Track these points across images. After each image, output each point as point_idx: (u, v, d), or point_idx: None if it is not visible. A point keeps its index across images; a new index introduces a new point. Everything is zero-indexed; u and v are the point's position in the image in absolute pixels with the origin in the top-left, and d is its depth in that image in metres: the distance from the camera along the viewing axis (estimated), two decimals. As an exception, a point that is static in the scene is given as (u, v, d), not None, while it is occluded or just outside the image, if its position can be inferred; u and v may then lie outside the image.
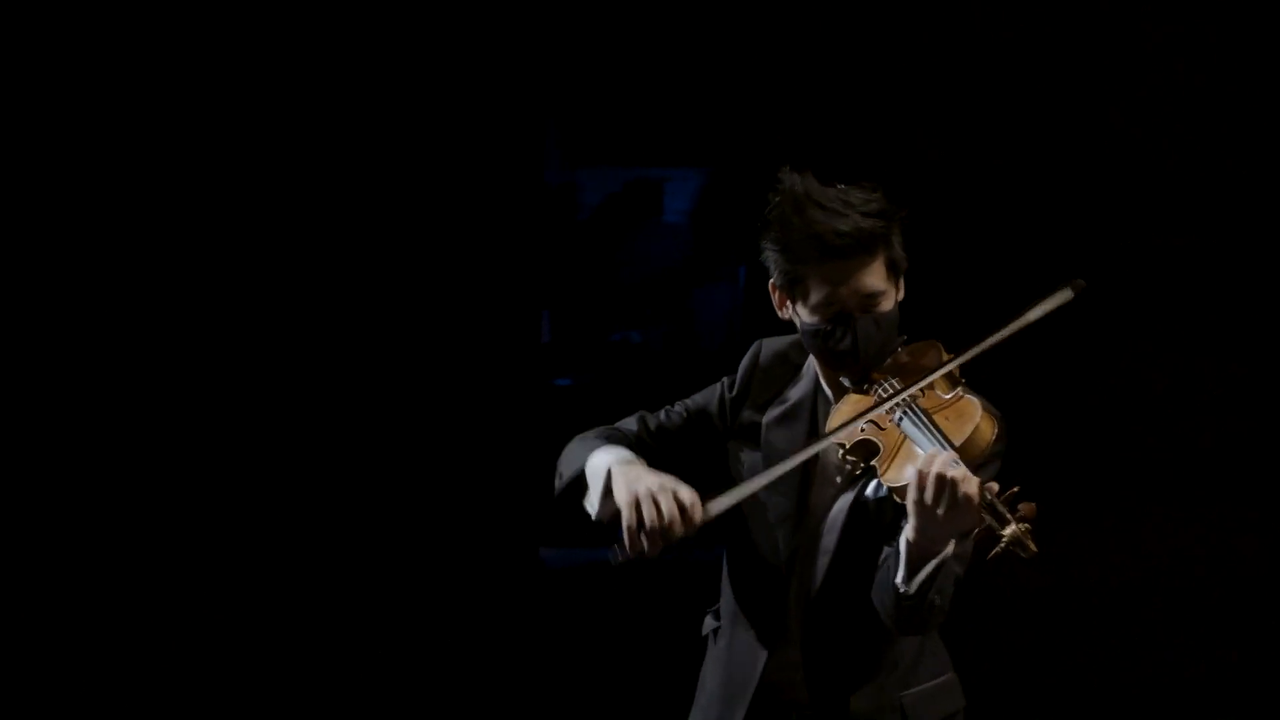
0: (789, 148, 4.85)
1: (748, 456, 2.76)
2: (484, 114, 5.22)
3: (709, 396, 2.91)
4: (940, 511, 2.47)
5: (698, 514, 2.56)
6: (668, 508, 2.56)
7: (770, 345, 2.91)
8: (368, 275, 5.13)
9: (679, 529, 2.55)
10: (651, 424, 2.88)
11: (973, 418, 2.60)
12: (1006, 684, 4.91)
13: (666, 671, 3.33)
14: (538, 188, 5.55)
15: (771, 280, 2.76)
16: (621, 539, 2.58)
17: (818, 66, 5.11)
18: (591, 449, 2.76)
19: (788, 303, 2.77)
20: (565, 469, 2.79)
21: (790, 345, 2.84)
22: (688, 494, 2.58)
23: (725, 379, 2.91)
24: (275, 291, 5.09)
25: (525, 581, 5.26)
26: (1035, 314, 2.65)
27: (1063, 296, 2.65)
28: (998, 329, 2.64)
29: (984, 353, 2.64)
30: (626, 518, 2.58)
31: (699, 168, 6.37)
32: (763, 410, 2.82)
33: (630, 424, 2.88)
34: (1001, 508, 2.45)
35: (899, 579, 2.55)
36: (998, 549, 2.44)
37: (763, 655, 2.74)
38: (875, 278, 2.67)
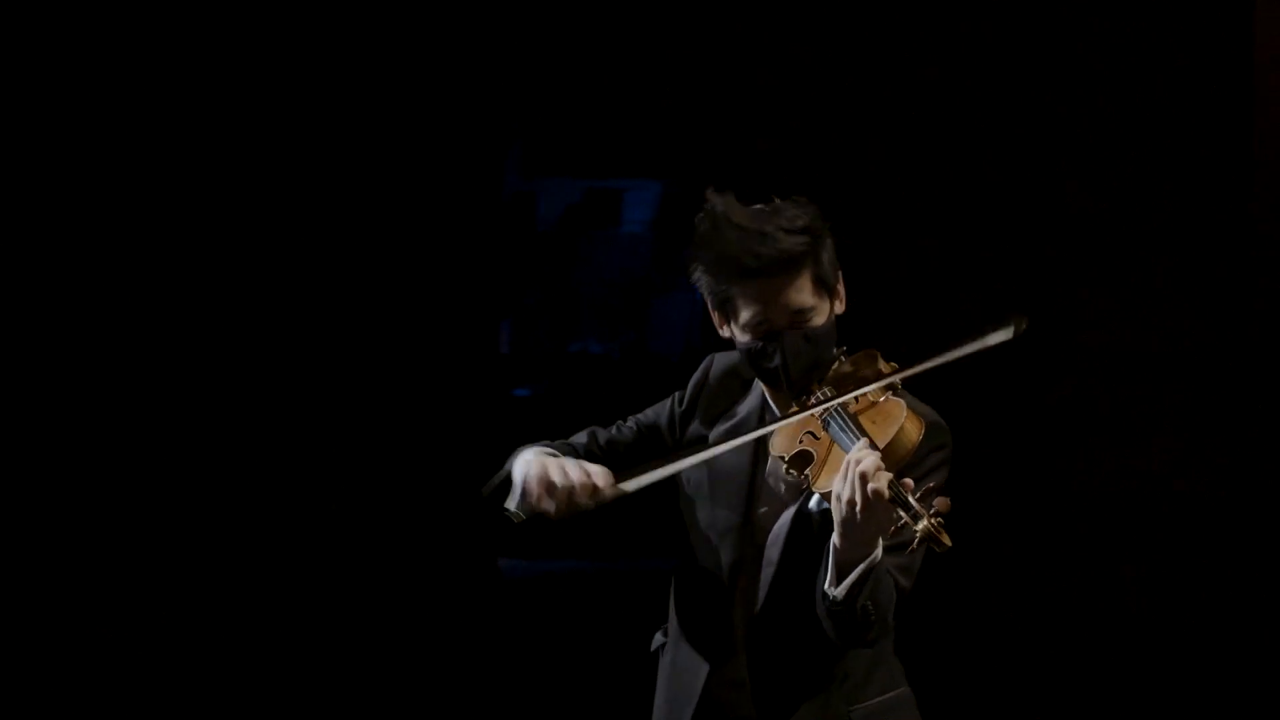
0: (746, 159, 4.88)
1: (693, 472, 2.73)
2: (444, 124, 5.22)
3: (659, 411, 2.88)
4: (856, 509, 2.46)
5: (605, 483, 2.55)
6: (575, 471, 2.56)
7: (721, 360, 2.89)
8: (325, 286, 5.11)
9: (581, 491, 2.55)
10: (601, 439, 2.84)
11: (897, 419, 2.59)
12: (963, 700, 4.94)
13: (625, 682, 3.33)
14: (496, 198, 5.56)
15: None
16: (526, 492, 2.58)
17: (774, 78, 5.13)
18: (523, 451, 2.74)
19: (724, 322, 2.75)
20: (500, 475, 2.76)
21: (741, 360, 2.80)
22: (600, 468, 2.58)
23: (676, 394, 2.88)
24: (231, 301, 5.08)
25: (483, 591, 5.27)
26: (970, 348, 2.64)
27: (1002, 335, 2.63)
28: (935, 353, 2.61)
29: (920, 373, 2.60)
30: (535, 474, 2.59)
31: (657, 179, 6.41)
32: (711, 425, 2.80)
33: (580, 438, 2.82)
34: (913, 502, 2.43)
35: (825, 583, 2.54)
36: (912, 545, 2.42)
37: (704, 669, 2.71)
38: (803, 294, 2.66)
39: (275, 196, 5.08)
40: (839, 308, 2.70)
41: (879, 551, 2.48)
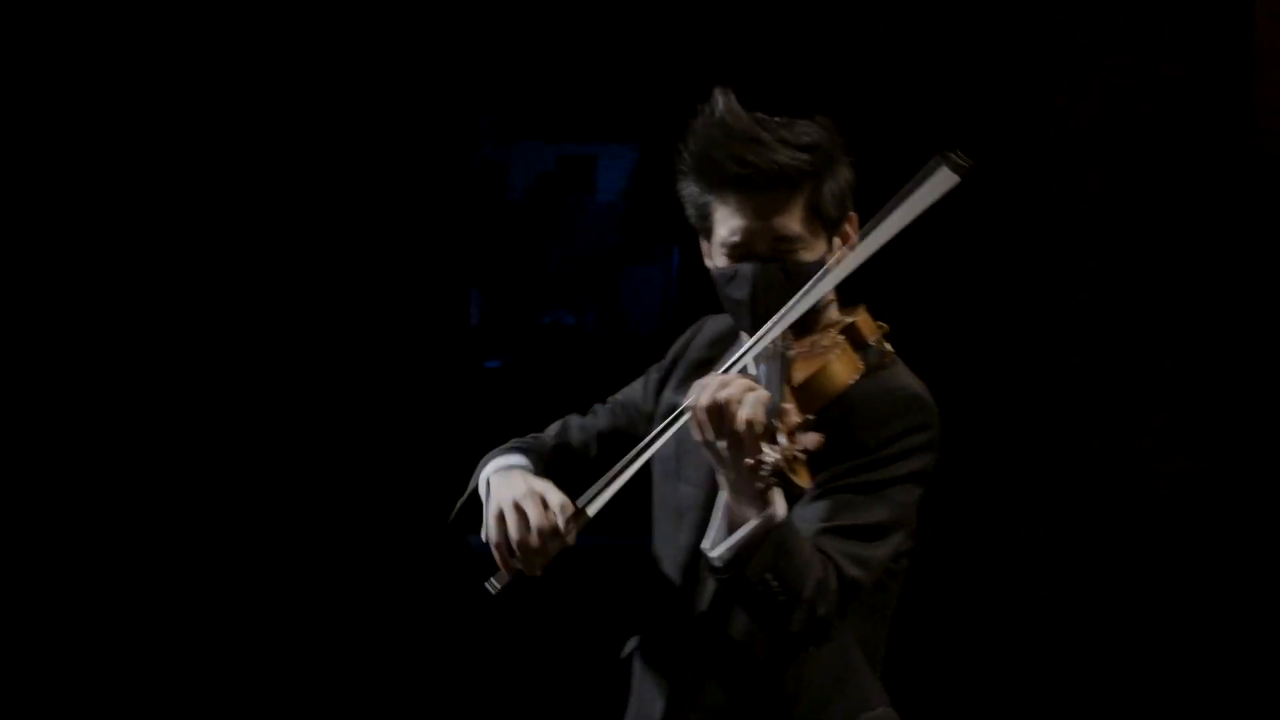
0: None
1: (665, 446, 2.36)
2: (413, 89, 5.14)
3: (637, 386, 2.61)
4: (721, 444, 2.12)
5: (568, 518, 2.25)
6: (534, 516, 2.26)
7: (713, 323, 2.59)
8: (291, 255, 5.05)
9: (549, 538, 2.26)
10: (574, 427, 2.58)
11: (823, 358, 2.24)
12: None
13: (603, 664, 3.19)
14: (468, 164, 5.46)
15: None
16: (498, 559, 2.28)
17: (755, 41, 5.04)
18: (485, 465, 2.48)
19: (707, 246, 2.45)
20: (469, 487, 2.50)
21: (720, 294, 2.49)
22: (557, 497, 2.27)
23: (657, 364, 2.61)
24: (194, 274, 5.02)
25: (454, 568, 5.16)
26: (912, 210, 2.27)
27: (945, 182, 2.26)
28: (874, 228, 2.27)
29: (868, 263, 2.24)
30: (492, 535, 2.29)
31: (631, 144, 6.30)
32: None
33: (553, 430, 2.58)
34: (779, 432, 2.08)
35: (705, 540, 2.20)
36: (763, 471, 2.06)
37: (664, 682, 2.41)
38: (790, 220, 2.36)
39: (241, 169, 4.99)
40: (841, 253, 2.35)
41: (777, 511, 2.14)
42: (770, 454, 2.03)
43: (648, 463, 2.35)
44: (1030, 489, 4.86)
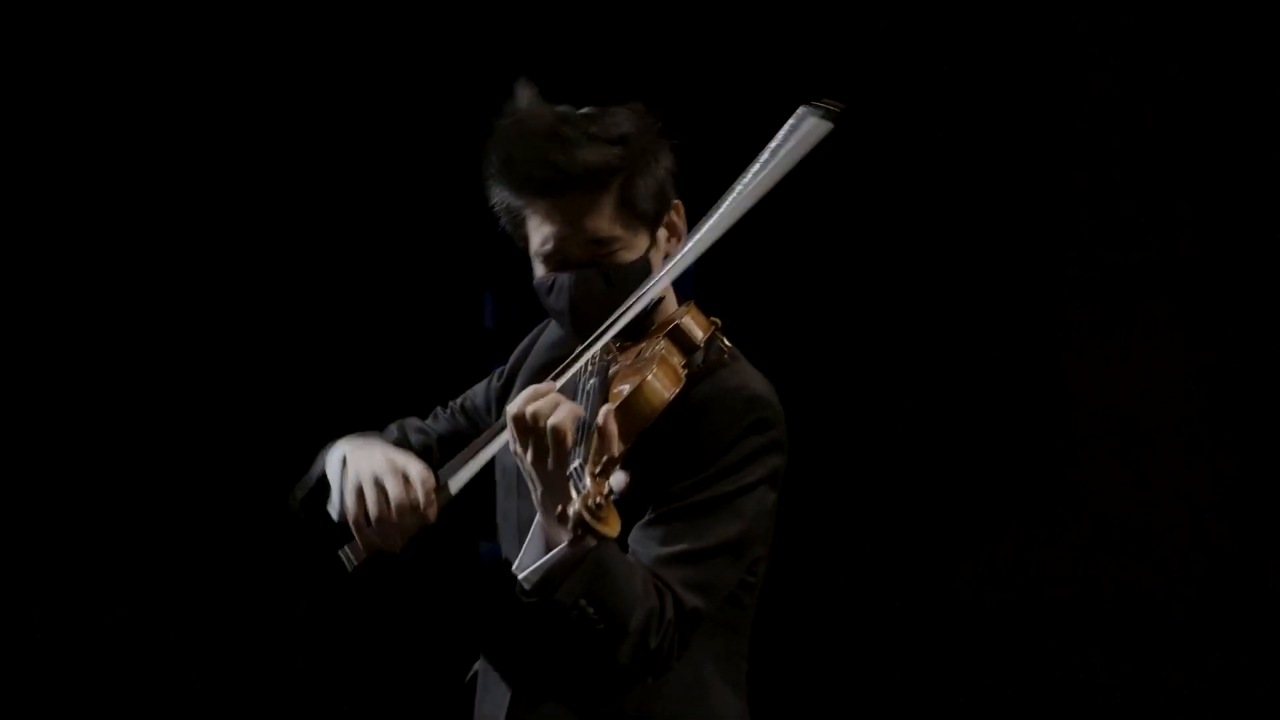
0: (743, 122, 4.76)
1: (506, 455, 2.22)
2: (430, 95, 5.12)
3: (478, 390, 2.54)
4: (524, 462, 1.99)
5: (430, 492, 2.14)
6: (395, 490, 2.14)
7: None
8: (305, 257, 5.04)
9: (410, 514, 2.14)
10: (413, 429, 2.52)
11: (642, 375, 2.06)
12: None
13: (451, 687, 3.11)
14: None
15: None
16: (353, 528, 2.21)
17: (765, 46, 5.01)
18: (332, 446, 2.39)
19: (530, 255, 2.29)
20: (310, 475, 2.42)
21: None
22: (419, 470, 2.15)
23: (500, 367, 2.53)
24: (208, 278, 5.01)
25: (463, 575, 5.14)
26: (785, 162, 2.07)
27: (817, 129, 2.07)
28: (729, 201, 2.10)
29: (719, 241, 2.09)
30: (350, 509, 2.19)
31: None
32: None
33: (390, 430, 2.54)
34: (585, 471, 1.89)
35: (515, 563, 2.06)
36: (570, 518, 1.87)
37: (503, 705, 2.26)
38: (601, 220, 2.20)
39: (254, 176, 4.98)
40: (669, 248, 2.22)
41: (593, 539, 1.94)
42: (573, 502, 1.86)
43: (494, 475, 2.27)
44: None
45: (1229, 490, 4.85)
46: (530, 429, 2.01)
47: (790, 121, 2.14)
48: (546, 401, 2.01)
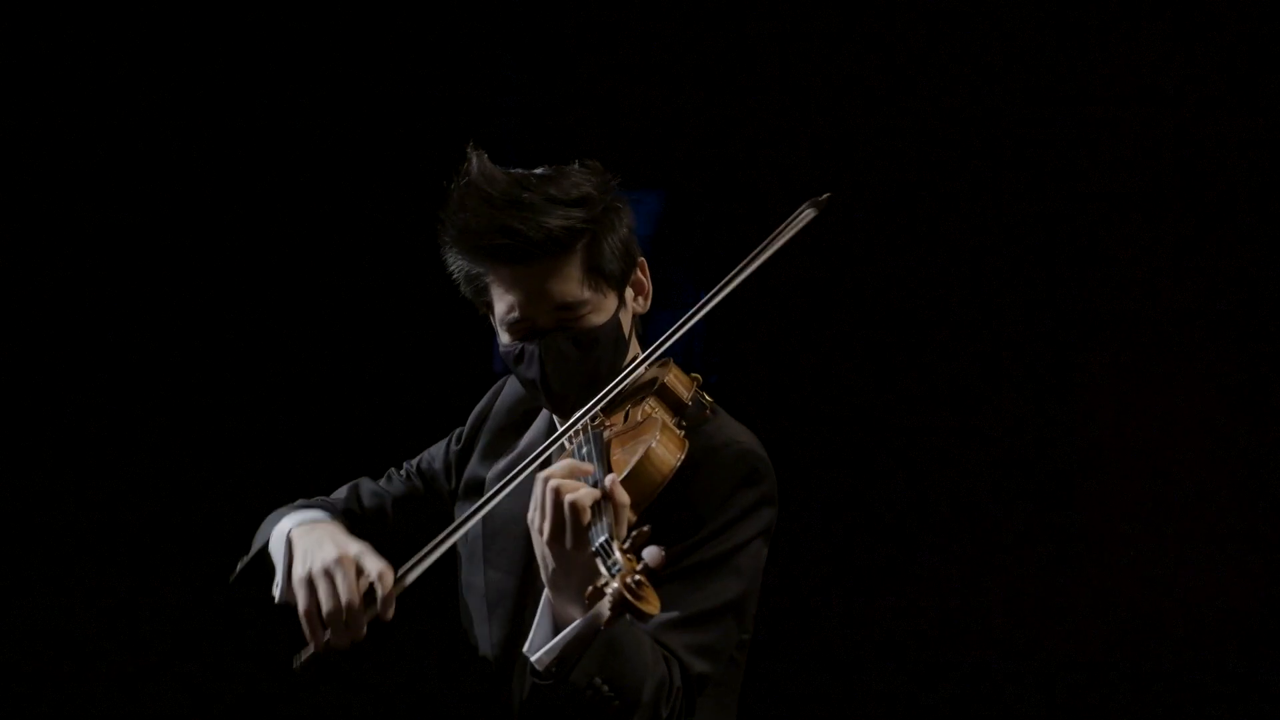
0: (747, 169, 4.75)
1: (473, 527, 2.16)
2: (442, 128, 5.11)
3: (436, 452, 2.43)
4: (544, 542, 1.92)
5: (386, 588, 2.04)
6: (345, 585, 2.03)
7: (515, 384, 2.37)
8: (315, 296, 5.02)
9: (360, 611, 2.03)
10: (366, 496, 2.40)
11: (645, 442, 2.01)
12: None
13: None
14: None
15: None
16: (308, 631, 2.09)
17: (778, 79, 5.00)
18: (279, 518, 2.27)
19: (493, 319, 2.24)
20: (254, 547, 2.29)
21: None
22: (374, 564, 2.06)
23: (458, 430, 2.43)
24: (221, 323, 5.00)
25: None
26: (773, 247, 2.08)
27: (804, 219, 2.10)
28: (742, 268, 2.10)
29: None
30: (301, 603, 2.07)
31: (655, 190, 6.25)
32: (492, 463, 2.30)
33: (341, 492, 2.43)
34: (614, 547, 1.84)
35: (526, 645, 1.99)
36: (602, 601, 1.81)
37: None
38: (568, 285, 2.12)
39: (267, 211, 4.98)
40: (637, 306, 2.17)
41: (605, 607, 1.84)
42: (610, 582, 1.79)
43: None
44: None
45: (1247, 525, 4.82)
46: (552, 505, 1.95)
47: (795, 215, 2.15)
48: (567, 478, 1.96)
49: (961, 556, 4.81)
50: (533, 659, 1.98)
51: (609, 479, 1.93)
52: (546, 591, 2.00)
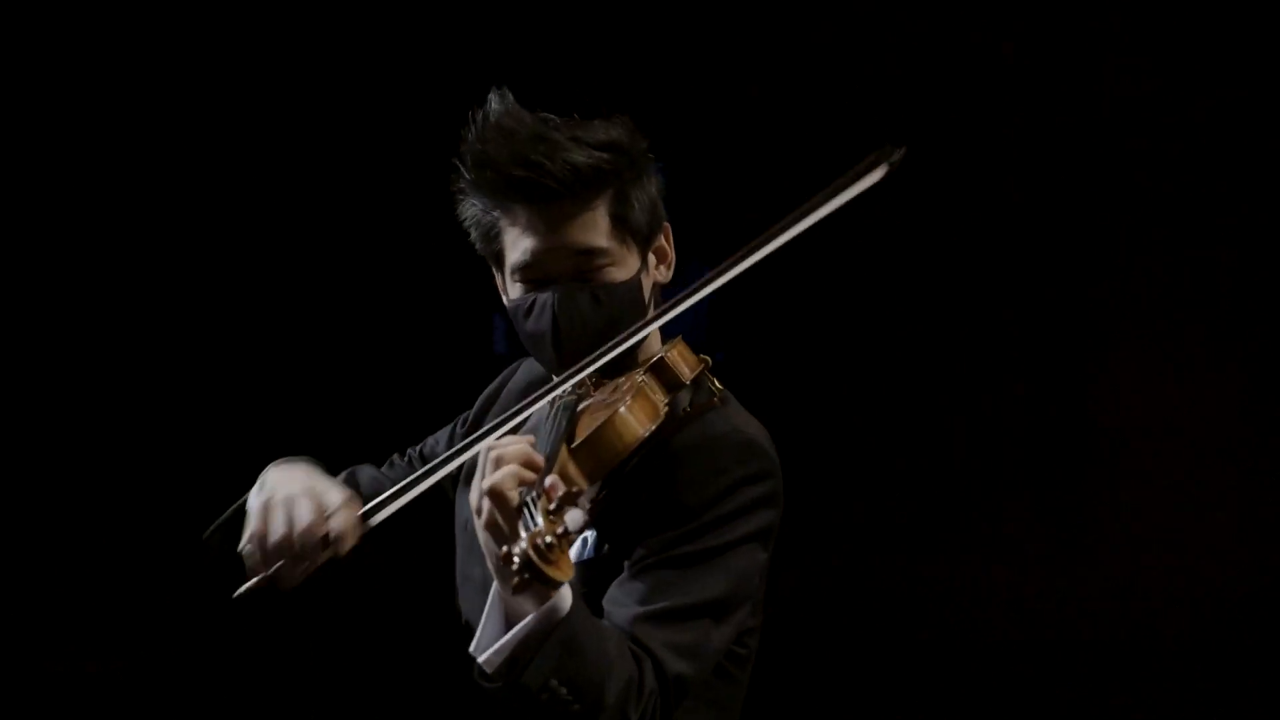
0: (747, 145, 4.72)
1: (466, 511, 2.06)
2: (443, 118, 5.08)
3: (444, 435, 2.33)
4: (481, 520, 1.77)
5: (346, 523, 1.91)
6: (302, 514, 1.90)
7: (529, 365, 2.29)
8: (316, 280, 5.00)
9: (312, 543, 1.90)
10: (364, 478, 2.29)
11: (613, 406, 1.84)
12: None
13: None
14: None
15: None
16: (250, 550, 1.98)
17: (774, 57, 4.97)
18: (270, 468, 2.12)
19: (500, 280, 2.10)
20: (233, 506, 2.16)
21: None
22: (339, 498, 1.93)
23: (464, 414, 2.29)
24: (218, 305, 4.99)
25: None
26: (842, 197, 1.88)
27: (876, 174, 1.91)
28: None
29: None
30: (251, 526, 1.96)
31: (657, 163, 6.24)
32: None
33: (340, 477, 2.29)
34: (535, 513, 1.66)
35: (473, 643, 1.81)
36: (514, 566, 1.63)
37: None
38: (590, 232, 1.98)
39: (264, 199, 4.96)
40: (659, 275, 2.02)
41: (561, 602, 1.68)
42: (520, 541, 1.61)
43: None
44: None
45: (1257, 513, 4.79)
46: (483, 492, 1.80)
47: (864, 163, 2.01)
48: (510, 452, 1.80)
49: (968, 545, 4.78)
50: (480, 660, 1.82)
51: (549, 479, 1.77)
52: (495, 584, 1.83)
